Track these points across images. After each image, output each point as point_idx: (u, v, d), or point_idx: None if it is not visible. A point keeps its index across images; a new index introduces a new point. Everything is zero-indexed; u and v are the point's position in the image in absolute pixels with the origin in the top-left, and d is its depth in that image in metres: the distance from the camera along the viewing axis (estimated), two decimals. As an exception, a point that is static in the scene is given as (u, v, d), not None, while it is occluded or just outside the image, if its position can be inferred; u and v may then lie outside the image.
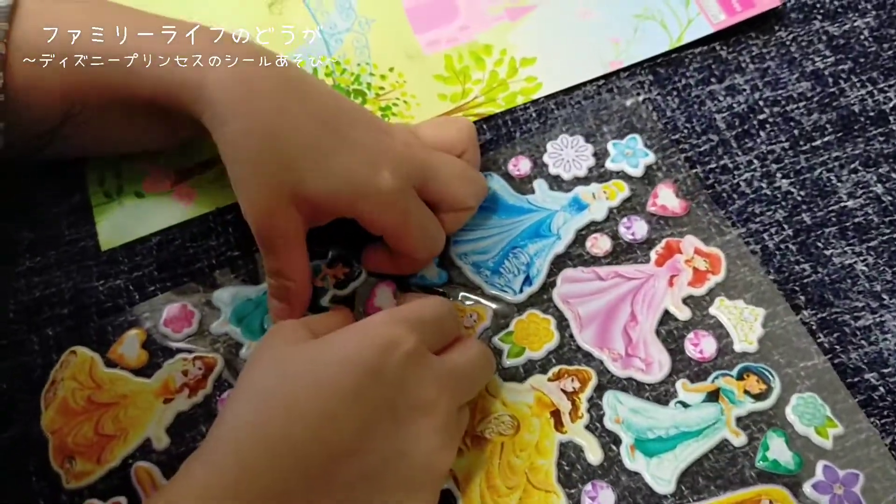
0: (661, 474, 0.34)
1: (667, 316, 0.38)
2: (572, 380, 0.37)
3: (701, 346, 0.37)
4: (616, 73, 0.44)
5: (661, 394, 0.36)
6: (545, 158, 0.42)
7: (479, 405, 0.36)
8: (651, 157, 0.42)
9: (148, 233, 0.41)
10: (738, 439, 0.35)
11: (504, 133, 0.43)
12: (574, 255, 0.40)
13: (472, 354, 0.34)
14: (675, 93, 0.44)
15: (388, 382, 0.29)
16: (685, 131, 0.43)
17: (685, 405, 0.36)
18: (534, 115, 0.44)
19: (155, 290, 0.40)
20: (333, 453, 0.28)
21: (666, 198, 0.41)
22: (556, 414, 0.36)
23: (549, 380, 0.37)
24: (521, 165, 0.42)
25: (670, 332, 0.38)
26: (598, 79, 0.44)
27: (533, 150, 0.43)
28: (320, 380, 0.29)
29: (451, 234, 0.39)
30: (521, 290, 0.39)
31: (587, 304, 0.39)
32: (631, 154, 0.42)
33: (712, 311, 0.38)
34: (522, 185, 0.42)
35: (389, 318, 0.32)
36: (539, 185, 0.42)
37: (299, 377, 0.29)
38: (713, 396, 0.36)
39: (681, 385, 0.36)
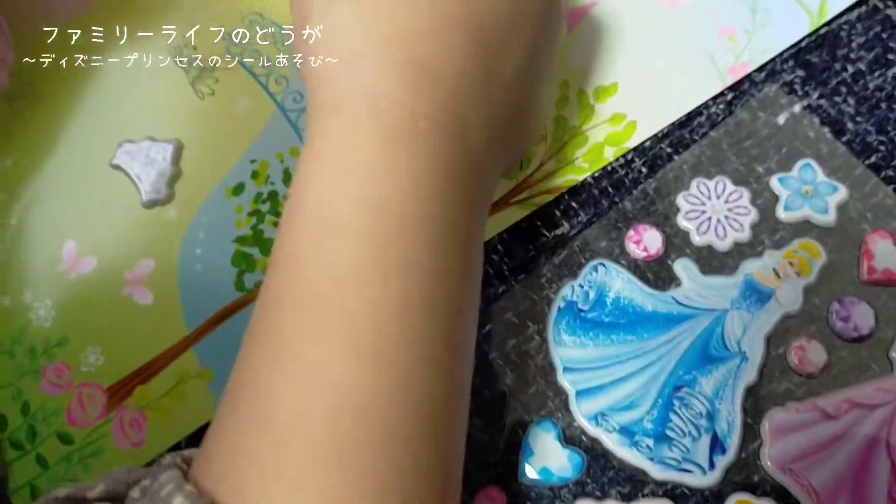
0: None
1: (958, 459, 0.23)
2: None
3: None
4: (745, 79, 0.29)
5: None
6: (681, 222, 0.27)
7: None
8: (843, 192, 0.27)
9: None
10: None
11: (601, 205, 0.28)
12: (771, 382, 0.25)
13: None
14: (843, 88, 0.29)
15: None
16: (880, 144, 0.28)
17: None
18: (641, 168, 0.29)
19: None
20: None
21: (885, 256, 0.26)
22: None
23: None
24: (646, 240, 0.27)
25: (975, 486, 0.23)
26: (720, 94, 0.29)
27: (659, 217, 0.28)
28: None
29: None
30: (711, 465, 0.24)
31: (821, 466, 0.23)
32: (812, 193, 0.27)
33: None
34: (657, 272, 0.27)
35: None
36: (684, 267, 0.27)
37: None
38: None
39: None
